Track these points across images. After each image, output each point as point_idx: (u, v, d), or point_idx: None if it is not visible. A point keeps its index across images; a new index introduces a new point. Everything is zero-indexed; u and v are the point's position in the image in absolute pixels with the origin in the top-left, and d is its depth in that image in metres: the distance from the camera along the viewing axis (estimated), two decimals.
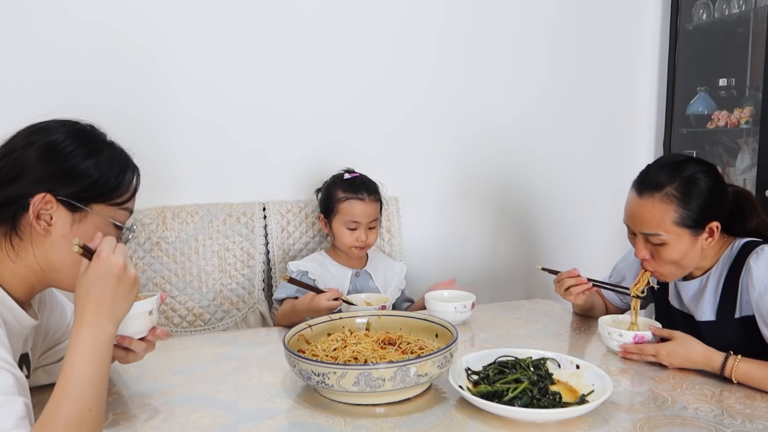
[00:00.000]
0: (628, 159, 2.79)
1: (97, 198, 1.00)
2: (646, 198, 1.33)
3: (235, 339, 1.58)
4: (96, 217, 1.00)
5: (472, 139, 2.49)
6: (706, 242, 1.33)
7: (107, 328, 0.89)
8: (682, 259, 1.33)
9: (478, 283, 2.52)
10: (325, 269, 1.87)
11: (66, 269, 0.99)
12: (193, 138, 2.12)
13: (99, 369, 0.87)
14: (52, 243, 0.97)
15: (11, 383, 0.83)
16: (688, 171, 1.32)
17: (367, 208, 1.84)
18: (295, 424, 1.07)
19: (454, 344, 1.16)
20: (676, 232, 1.31)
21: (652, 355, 1.31)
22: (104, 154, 1.02)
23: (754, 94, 2.43)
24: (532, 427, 1.04)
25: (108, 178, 1.01)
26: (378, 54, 2.32)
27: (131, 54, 2.02)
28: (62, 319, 1.21)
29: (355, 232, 1.83)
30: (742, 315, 1.32)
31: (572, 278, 1.56)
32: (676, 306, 1.49)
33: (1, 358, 0.85)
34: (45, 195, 0.95)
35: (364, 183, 1.88)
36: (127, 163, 1.07)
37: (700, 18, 2.60)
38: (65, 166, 0.98)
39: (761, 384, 1.18)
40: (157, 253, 1.99)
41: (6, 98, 1.89)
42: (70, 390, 0.83)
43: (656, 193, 1.31)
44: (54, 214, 0.97)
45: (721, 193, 1.34)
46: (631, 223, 1.39)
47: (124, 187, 1.04)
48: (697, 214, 1.30)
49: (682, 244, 1.32)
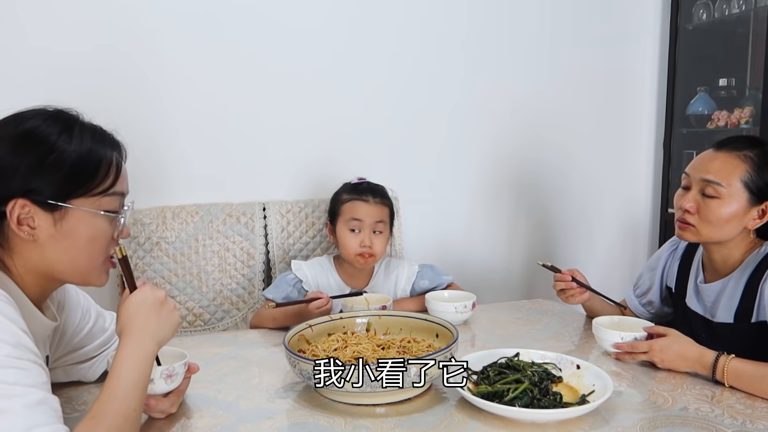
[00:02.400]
0: (628, 159, 2.80)
1: (75, 191, 0.94)
2: (723, 152, 1.34)
3: (235, 339, 1.57)
4: (78, 212, 0.94)
5: (474, 140, 2.50)
6: (753, 221, 1.33)
7: (149, 345, 0.97)
8: (725, 223, 1.32)
9: (479, 283, 2.52)
10: (324, 277, 1.80)
11: (65, 267, 0.97)
12: (193, 138, 2.12)
13: (142, 377, 0.94)
14: (42, 246, 0.94)
15: (45, 380, 0.84)
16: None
17: (370, 208, 1.75)
18: (295, 424, 1.07)
19: (454, 344, 1.15)
20: (737, 190, 1.31)
21: (644, 352, 1.30)
22: (75, 137, 0.94)
23: (754, 94, 2.43)
24: (533, 428, 1.03)
25: (84, 165, 0.94)
26: (381, 56, 2.32)
27: (132, 53, 2.02)
28: (83, 322, 1.19)
29: (358, 235, 1.73)
30: (758, 320, 1.31)
31: (563, 282, 1.57)
32: (692, 308, 1.47)
33: (34, 353, 0.85)
34: (17, 200, 0.90)
35: (369, 186, 1.81)
36: (104, 141, 0.98)
37: (700, 18, 2.60)
38: (36, 158, 0.91)
39: (750, 383, 1.16)
40: (157, 253, 1.99)
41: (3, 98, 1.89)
42: (119, 391, 0.90)
43: (735, 151, 1.33)
44: (35, 217, 0.92)
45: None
46: (695, 170, 1.37)
47: (103, 171, 0.96)
48: (765, 185, 1.30)
49: (734, 205, 1.31)
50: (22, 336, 0.85)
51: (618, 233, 2.82)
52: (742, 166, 1.31)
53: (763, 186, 1.30)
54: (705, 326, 1.40)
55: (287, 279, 1.78)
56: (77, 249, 0.96)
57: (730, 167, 1.32)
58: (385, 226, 1.77)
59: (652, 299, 1.62)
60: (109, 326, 1.25)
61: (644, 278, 1.64)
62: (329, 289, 1.78)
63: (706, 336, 1.29)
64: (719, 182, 1.31)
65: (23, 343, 0.84)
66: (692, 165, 1.39)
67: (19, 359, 0.82)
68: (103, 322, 1.24)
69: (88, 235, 0.97)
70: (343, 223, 1.76)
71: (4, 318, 0.84)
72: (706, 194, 1.33)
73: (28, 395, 0.80)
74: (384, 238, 1.76)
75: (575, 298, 1.58)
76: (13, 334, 0.83)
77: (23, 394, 0.79)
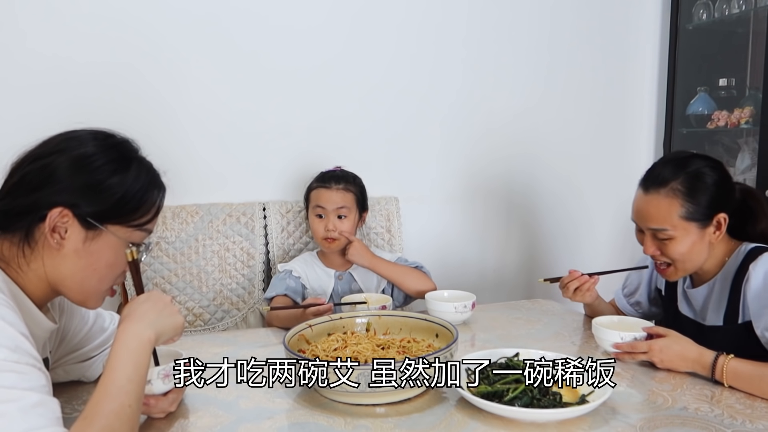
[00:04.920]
0: (628, 159, 2.79)
1: (115, 219, 0.99)
2: (652, 194, 1.35)
3: (235, 339, 1.57)
4: (110, 237, 0.99)
5: (473, 139, 2.49)
6: (713, 236, 1.34)
7: (146, 333, 0.96)
8: (690, 254, 1.34)
9: (479, 283, 2.52)
10: (311, 269, 1.90)
11: (75, 284, 0.99)
12: (193, 138, 2.12)
13: (137, 369, 0.92)
14: (63, 257, 0.96)
15: (44, 383, 0.85)
16: (693, 166, 1.33)
17: (332, 194, 1.84)
18: (295, 424, 1.07)
19: (454, 344, 1.16)
20: (683, 227, 1.31)
21: (643, 352, 1.30)
22: (131, 173, 1.00)
23: (754, 94, 2.43)
24: (533, 428, 1.03)
25: (131, 199, 0.99)
26: (381, 56, 2.32)
27: (132, 54, 2.02)
28: (82, 324, 1.20)
29: (323, 220, 1.83)
30: (744, 320, 1.32)
31: (575, 280, 1.58)
32: (684, 312, 1.48)
33: (33, 357, 0.86)
34: (63, 209, 0.94)
35: (334, 174, 1.90)
36: (154, 183, 1.05)
37: (700, 18, 2.60)
38: (91, 181, 0.96)
39: (749, 383, 1.16)
40: (157, 253, 1.99)
41: (9, 95, 1.90)
42: (111, 387, 0.89)
43: (662, 188, 1.33)
44: (69, 229, 0.95)
45: (727, 187, 1.35)
46: (639, 220, 1.40)
47: (145, 208, 1.02)
48: (703, 207, 1.31)
49: (689, 237, 1.32)
50: (21, 340, 0.85)
51: (618, 233, 2.81)
52: (675, 202, 1.32)
53: (702, 209, 1.31)
54: (697, 330, 1.41)
55: (280, 276, 1.86)
56: (93, 270, 0.99)
57: (665, 209, 1.33)
58: (349, 211, 1.85)
59: (640, 300, 1.64)
60: (108, 326, 1.25)
61: (632, 278, 1.66)
62: (317, 277, 1.88)
63: (698, 340, 1.29)
64: (664, 227, 1.33)
65: (22, 346, 0.84)
66: (634, 213, 1.42)
67: (17, 363, 0.82)
68: (102, 322, 1.24)
69: (108, 260, 1.00)
70: (311, 210, 1.89)
71: (3, 322, 0.84)
72: (660, 238, 1.35)
73: (26, 399, 0.80)
74: (349, 221, 1.85)
75: (589, 292, 1.58)
76: (12, 338, 0.84)
77: (20, 397, 0.80)
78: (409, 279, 1.85)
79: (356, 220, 1.89)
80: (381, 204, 2.26)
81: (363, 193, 1.93)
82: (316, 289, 1.87)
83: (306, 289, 1.86)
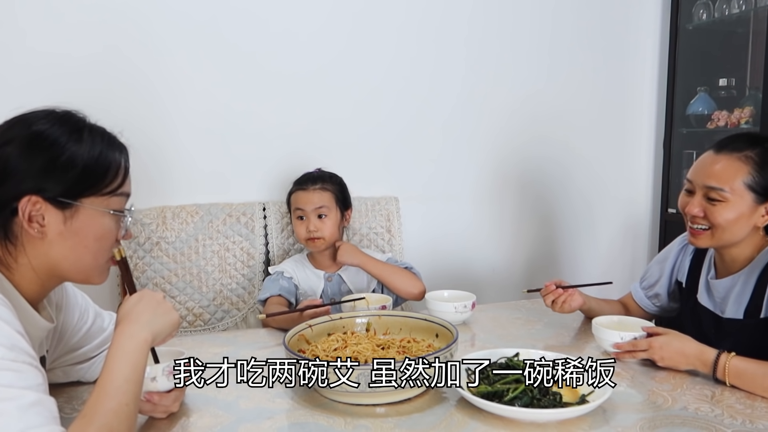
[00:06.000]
0: (627, 159, 2.80)
1: (87, 191, 0.96)
2: (723, 155, 1.33)
3: (235, 339, 1.57)
4: (89, 210, 0.96)
5: (473, 140, 2.50)
6: (761, 219, 1.32)
7: (142, 334, 0.96)
8: (734, 224, 1.32)
9: (479, 283, 2.52)
10: (301, 270, 1.90)
11: (70, 265, 0.98)
12: (193, 138, 2.12)
13: (135, 369, 0.93)
14: (49, 243, 0.95)
15: (41, 382, 0.84)
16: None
17: (310, 195, 1.85)
18: (295, 424, 1.07)
19: (454, 344, 1.16)
20: (740, 193, 1.30)
21: (644, 350, 1.30)
22: (86, 141, 0.96)
23: (754, 94, 2.43)
24: (533, 427, 1.03)
25: (95, 166, 0.96)
26: (381, 56, 2.32)
27: (131, 55, 2.02)
28: (81, 322, 1.19)
29: (304, 222, 1.85)
30: (766, 315, 1.30)
31: (550, 294, 1.59)
32: (703, 303, 1.47)
33: (30, 355, 0.85)
34: (30, 197, 0.91)
35: (311, 175, 1.91)
36: (112, 145, 1.01)
37: (700, 18, 2.60)
38: (48, 160, 0.93)
39: (752, 381, 1.15)
40: (157, 253, 1.99)
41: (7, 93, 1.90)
42: (109, 387, 0.89)
43: (735, 152, 1.32)
44: (45, 215, 0.93)
45: None
46: (697, 176, 1.36)
47: (112, 172, 0.99)
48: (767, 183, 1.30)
49: (740, 207, 1.30)
50: (18, 338, 0.85)
51: (618, 233, 2.82)
52: (744, 168, 1.30)
53: (766, 185, 1.30)
54: (714, 322, 1.40)
55: (272, 278, 1.86)
56: (84, 247, 0.98)
57: (732, 171, 1.31)
58: (329, 210, 1.86)
59: (659, 292, 1.61)
60: (108, 326, 1.25)
61: (652, 270, 1.64)
62: (307, 278, 1.88)
63: (715, 332, 1.28)
64: (722, 188, 1.31)
65: (18, 345, 0.84)
66: (694, 170, 1.39)
67: (14, 361, 0.82)
68: (101, 322, 1.24)
69: (95, 234, 0.98)
70: (292, 213, 1.91)
71: (0, 320, 0.84)
72: (711, 199, 1.33)
73: (23, 397, 0.80)
74: (330, 221, 1.85)
75: (569, 305, 1.58)
76: (8, 336, 0.84)
77: (18, 396, 0.80)
78: (399, 279, 1.85)
79: (338, 219, 1.88)
80: (381, 204, 2.26)
81: (343, 192, 1.93)
82: (306, 290, 1.87)
83: (299, 290, 1.86)
